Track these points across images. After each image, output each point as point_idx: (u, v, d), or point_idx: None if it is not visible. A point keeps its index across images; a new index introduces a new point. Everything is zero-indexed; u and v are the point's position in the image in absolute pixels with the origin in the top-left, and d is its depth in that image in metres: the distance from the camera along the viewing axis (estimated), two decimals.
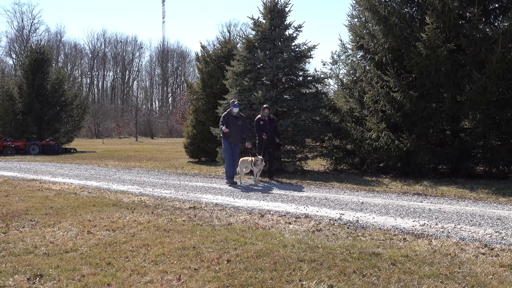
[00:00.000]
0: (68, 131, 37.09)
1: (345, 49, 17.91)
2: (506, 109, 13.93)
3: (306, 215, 8.84)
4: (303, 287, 4.88)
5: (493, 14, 14.53)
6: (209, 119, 20.65)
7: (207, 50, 23.57)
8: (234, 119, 13.83)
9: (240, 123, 13.91)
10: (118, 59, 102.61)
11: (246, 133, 14.06)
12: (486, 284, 4.91)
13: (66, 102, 36.04)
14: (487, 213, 8.83)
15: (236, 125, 13.81)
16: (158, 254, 6.08)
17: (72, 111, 36.69)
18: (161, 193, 11.89)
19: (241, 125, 13.92)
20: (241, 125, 13.92)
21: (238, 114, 13.96)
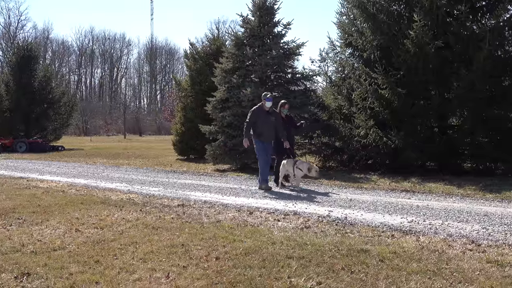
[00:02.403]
0: (55, 129, 36.90)
1: (333, 47, 17.92)
2: (493, 106, 14.03)
3: (294, 212, 8.85)
4: (292, 284, 4.88)
5: (480, 12, 14.60)
6: (197, 116, 20.59)
7: (196, 47, 23.57)
8: (266, 114, 12.08)
9: (273, 120, 12.10)
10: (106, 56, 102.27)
11: (281, 131, 12.20)
12: (473, 280, 4.94)
13: (53, 99, 35.86)
14: (474, 210, 8.89)
15: (269, 122, 12.05)
16: (146, 251, 6.06)
17: (60, 109, 36.51)
18: (150, 191, 11.86)
19: (275, 122, 12.12)
20: (275, 122, 12.12)
21: (270, 109, 12.18)
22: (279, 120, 12.27)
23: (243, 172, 15.77)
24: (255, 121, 11.97)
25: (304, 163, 12.09)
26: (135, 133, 74.50)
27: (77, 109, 43.61)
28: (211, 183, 13.32)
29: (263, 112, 12.03)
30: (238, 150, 16.09)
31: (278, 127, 12.11)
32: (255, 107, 12.25)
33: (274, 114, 12.20)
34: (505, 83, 14.25)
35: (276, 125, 12.08)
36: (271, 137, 12.15)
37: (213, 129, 16.80)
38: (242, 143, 12.23)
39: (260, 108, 12.11)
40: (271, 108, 12.17)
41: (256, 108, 12.19)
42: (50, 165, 20.16)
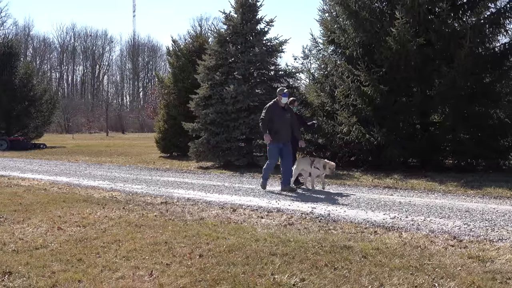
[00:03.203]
0: (37, 126, 36.52)
1: (316, 44, 17.98)
2: (474, 103, 14.18)
3: (278, 209, 8.87)
4: (275, 281, 4.89)
5: (461, 9, 14.73)
6: (180, 113, 20.52)
7: (179, 44, 23.50)
8: (282, 111, 11.16)
9: (289, 117, 11.21)
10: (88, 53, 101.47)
11: (297, 129, 11.47)
12: (455, 275, 4.98)
13: (35, 97, 35.48)
14: (456, 206, 8.96)
15: (285, 119, 11.13)
16: (129, 249, 6.03)
17: (41, 106, 36.14)
18: (133, 188, 11.80)
19: (291, 119, 11.24)
20: (291, 119, 11.24)
21: (286, 105, 11.31)
22: (295, 117, 11.51)
23: (226, 169, 15.76)
24: (270, 118, 11.05)
25: (321, 161, 11.41)
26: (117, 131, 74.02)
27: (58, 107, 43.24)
28: (194, 181, 13.29)
29: (279, 108, 11.16)
30: (221, 147, 16.09)
31: (294, 125, 11.31)
32: (270, 103, 11.34)
33: (289, 111, 11.36)
34: (486, 80, 14.39)
35: (292, 122, 11.26)
36: (287, 136, 11.20)
37: (196, 127, 16.75)
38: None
39: (275, 104, 11.22)
40: (287, 105, 11.33)
41: (271, 104, 11.29)
42: (31, 163, 19.98)
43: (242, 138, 16.50)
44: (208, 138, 16.20)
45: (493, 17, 14.22)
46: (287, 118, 11.15)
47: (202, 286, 4.83)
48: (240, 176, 14.23)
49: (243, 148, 16.51)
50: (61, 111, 60.75)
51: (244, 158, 16.15)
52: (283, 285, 4.80)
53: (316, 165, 11.24)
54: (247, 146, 16.67)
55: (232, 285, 4.82)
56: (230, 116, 16.01)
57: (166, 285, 4.86)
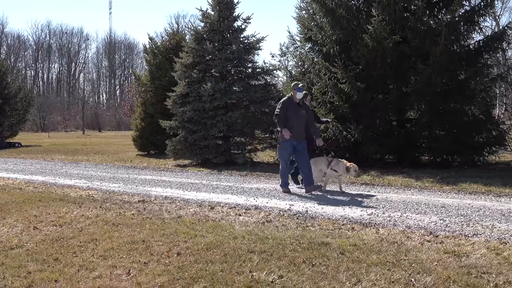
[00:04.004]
0: (12, 125, 36.05)
1: (293, 41, 18.04)
2: (450, 100, 14.32)
3: (256, 206, 8.88)
4: (254, 278, 4.89)
5: (436, 7, 14.87)
6: (157, 111, 20.46)
7: (155, 42, 23.41)
8: (297, 107, 10.42)
9: (304, 113, 10.49)
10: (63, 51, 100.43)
11: (313, 126, 10.73)
12: (431, 270, 5.04)
13: (9, 95, 35.02)
14: (432, 201, 9.05)
15: (300, 116, 10.40)
16: (106, 248, 6.00)
17: (16, 104, 35.70)
18: (110, 187, 11.73)
19: (306, 116, 10.50)
20: (306, 116, 10.50)
21: (301, 101, 10.58)
22: (311, 114, 10.84)
23: (204, 167, 15.73)
24: (284, 114, 10.30)
25: (340, 162, 10.45)
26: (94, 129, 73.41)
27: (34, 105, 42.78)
28: (172, 179, 13.25)
29: (294, 104, 10.42)
30: (198, 145, 16.06)
31: (309, 122, 10.60)
32: (285, 99, 10.56)
33: (305, 107, 10.64)
34: (461, 77, 14.54)
35: (307, 119, 10.55)
36: (302, 134, 10.47)
37: (174, 124, 16.70)
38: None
39: (290, 100, 10.45)
40: (302, 100, 10.59)
41: (285, 99, 10.51)
42: (6, 162, 19.75)
43: (220, 135, 16.49)
44: (186, 136, 16.15)
45: (467, 14, 14.37)
46: (303, 115, 10.44)
47: (180, 284, 4.82)
48: (218, 173, 14.21)
49: (221, 146, 16.50)
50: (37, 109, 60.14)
51: (222, 155, 16.15)
52: (261, 282, 4.81)
53: (334, 167, 10.38)
54: (225, 143, 16.66)
55: (210, 283, 4.82)
56: (207, 113, 15.98)
57: (143, 283, 4.84)
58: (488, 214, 7.86)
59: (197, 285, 4.79)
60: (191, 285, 4.78)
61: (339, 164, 10.36)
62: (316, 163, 10.76)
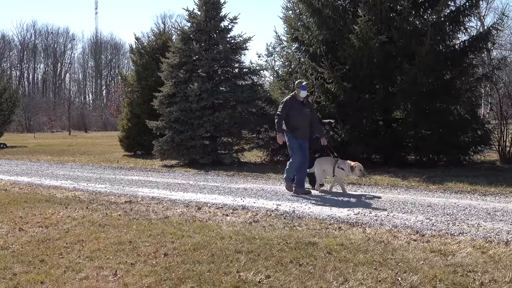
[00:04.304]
0: None
1: (280, 41, 18.04)
2: (435, 100, 14.41)
3: (243, 206, 8.88)
4: (241, 278, 4.90)
5: (422, 7, 14.93)
6: (144, 111, 20.38)
7: (142, 42, 23.31)
8: (301, 106, 10.26)
9: (308, 112, 10.32)
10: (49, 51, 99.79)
11: (316, 125, 10.59)
12: (417, 269, 5.06)
13: None
14: (418, 201, 9.10)
15: (304, 115, 10.23)
16: (93, 249, 5.97)
17: (1, 105, 35.43)
18: (96, 188, 11.68)
19: (310, 115, 10.35)
20: (310, 115, 10.35)
21: (305, 99, 10.37)
22: (315, 112, 10.74)
23: (191, 167, 15.70)
24: (287, 114, 10.18)
25: (346, 162, 10.30)
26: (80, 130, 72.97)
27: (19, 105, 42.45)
28: (159, 179, 13.21)
29: (297, 103, 10.26)
30: (185, 145, 16.03)
31: (313, 121, 10.44)
32: (288, 97, 10.42)
33: (308, 106, 10.47)
34: (446, 77, 14.63)
35: (311, 118, 10.39)
36: (306, 132, 10.36)
37: (160, 125, 16.64)
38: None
39: (294, 99, 10.31)
40: (306, 99, 10.39)
41: (288, 98, 10.37)
42: None
43: (207, 136, 16.47)
44: (173, 136, 16.11)
45: (452, 15, 14.47)
46: (307, 114, 10.27)
47: (167, 285, 4.81)
48: (205, 174, 14.20)
49: (208, 146, 16.48)
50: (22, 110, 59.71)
51: (209, 156, 16.12)
52: (249, 282, 4.81)
53: (341, 165, 10.20)
54: (212, 144, 16.64)
55: (197, 283, 4.81)
56: (194, 114, 15.95)
57: (130, 284, 4.83)
58: (473, 213, 7.92)
59: (184, 285, 4.78)
60: (178, 286, 4.78)
61: (345, 163, 10.21)
62: (320, 163, 10.58)
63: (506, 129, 15.08)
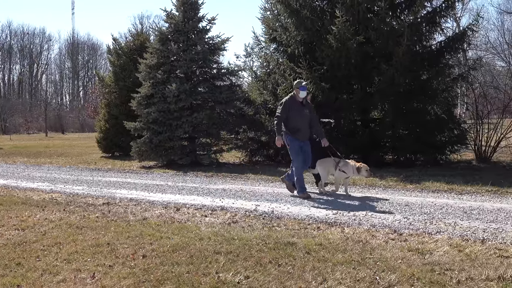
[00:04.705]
0: None
1: (258, 42, 18.05)
2: (413, 100, 14.53)
3: (222, 207, 8.87)
4: (220, 279, 4.89)
5: (399, 8, 15.06)
6: (122, 113, 20.23)
7: (119, 43, 23.15)
8: (301, 107, 9.96)
9: (308, 113, 10.00)
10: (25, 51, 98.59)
11: (316, 126, 10.20)
12: (395, 268, 5.10)
13: None
14: (396, 200, 9.17)
15: (304, 116, 9.94)
16: (70, 252, 5.92)
17: None
18: (73, 190, 11.57)
19: (310, 116, 10.03)
20: (310, 116, 10.03)
21: (305, 100, 10.09)
22: (314, 113, 10.31)
23: (169, 168, 15.63)
24: (287, 115, 9.87)
25: (348, 163, 10.07)
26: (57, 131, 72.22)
27: None
28: (137, 180, 13.14)
29: (297, 103, 9.95)
30: (164, 146, 15.95)
31: (313, 121, 10.11)
32: (287, 98, 10.07)
33: (308, 106, 10.14)
34: (423, 77, 14.75)
35: (311, 119, 10.07)
36: (307, 134, 10.07)
37: (138, 126, 16.54)
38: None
39: (293, 99, 9.98)
40: (305, 99, 10.10)
41: (287, 99, 10.02)
42: None
43: (185, 136, 16.41)
44: (151, 137, 16.03)
45: (429, 16, 14.61)
46: (306, 115, 9.96)
47: (145, 286, 4.79)
48: (184, 175, 14.15)
49: (186, 147, 16.42)
50: None
51: (187, 157, 16.07)
52: (228, 283, 4.81)
53: (343, 168, 9.97)
54: (190, 144, 16.59)
55: (176, 285, 4.80)
56: (172, 114, 15.89)
57: (108, 287, 4.80)
58: (450, 212, 8.01)
59: (163, 287, 4.77)
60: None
61: (347, 165, 9.96)
62: (323, 164, 10.26)
63: (481, 129, 15.27)
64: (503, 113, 16.10)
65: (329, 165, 10.16)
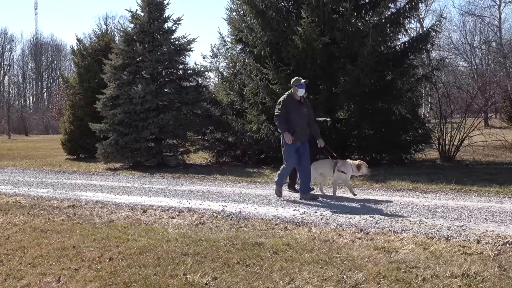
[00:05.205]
0: None
1: (224, 43, 18.04)
2: (378, 100, 14.69)
3: (189, 208, 8.84)
4: (187, 281, 4.87)
5: (364, 9, 15.22)
6: (87, 114, 20.00)
7: (84, 43, 22.92)
8: (299, 105, 9.57)
9: (306, 111, 9.62)
10: None
11: (313, 125, 9.86)
12: (362, 267, 5.15)
13: None
14: (363, 199, 9.27)
15: (302, 115, 9.54)
16: (35, 256, 5.83)
17: None
18: (38, 193, 11.39)
19: (307, 114, 9.66)
20: (307, 114, 9.66)
21: (303, 98, 9.71)
22: (312, 112, 9.94)
23: (135, 170, 15.51)
24: (286, 114, 9.47)
25: (346, 162, 9.80)
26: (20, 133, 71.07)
27: None
28: (103, 183, 13.00)
29: (295, 102, 9.57)
30: (130, 148, 15.84)
31: (311, 121, 9.75)
32: (285, 97, 9.66)
33: (306, 105, 9.74)
34: (388, 77, 14.94)
35: (309, 118, 9.71)
36: (306, 134, 9.67)
37: (104, 127, 16.38)
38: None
39: (291, 98, 9.59)
40: (303, 97, 9.73)
41: (285, 97, 9.61)
42: None
43: (152, 138, 16.31)
44: (117, 139, 15.89)
45: (393, 17, 14.79)
46: (305, 114, 9.58)
47: None
48: (150, 176, 14.06)
49: (153, 148, 16.33)
50: None
51: (154, 158, 15.97)
52: (195, 284, 4.79)
53: (342, 168, 9.64)
54: (157, 146, 16.50)
55: (143, 287, 4.76)
56: (138, 116, 15.78)
57: None
58: (415, 210, 8.11)
59: None
60: None
61: (346, 164, 9.69)
62: (317, 166, 9.96)
63: (445, 128, 15.52)
64: (466, 113, 16.39)
65: (324, 167, 9.91)
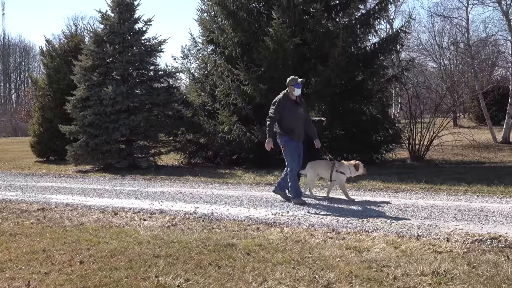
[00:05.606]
0: None
1: (195, 44, 18.02)
2: (349, 100, 14.81)
3: (161, 210, 8.79)
4: (160, 283, 4.84)
5: (334, 10, 15.34)
6: (57, 116, 19.75)
7: (53, 44, 22.64)
8: (295, 105, 9.30)
9: (302, 111, 9.39)
10: None
11: (309, 125, 9.60)
12: (334, 266, 5.18)
13: None
14: (334, 200, 9.34)
15: (298, 115, 9.29)
16: (4, 260, 5.73)
17: None
18: (6, 196, 11.20)
19: (304, 115, 9.44)
20: (304, 115, 9.44)
21: (299, 98, 9.41)
22: (307, 112, 9.87)
23: (106, 172, 15.36)
24: (280, 115, 9.16)
25: (343, 163, 9.56)
26: None
27: None
28: (73, 185, 12.85)
29: (290, 102, 9.27)
30: (100, 149, 15.68)
31: (307, 121, 9.53)
32: (280, 97, 9.31)
33: (302, 105, 9.51)
34: (359, 78, 15.08)
35: (305, 118, 9.49)
36: (302, 134, 9.40)
37: (74, 129, 16.20)
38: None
39: (287, 98, 9.28)
40: (299, 97, 9.42)
41: (281, 98, 9.27)
42: None
43: (123, 139, 16.18)
44: (87, 141, 15.72)
45: (363, 18, 14.95)
46: (301, 114, 9.34)
47: None
48: (121, 178, 13.94)
49: (124, 150, 16.21)
50: None
51: (125, 160, 15.85)
52: (168, 287, 4.77)
53: (340, 169, 9.40)
54: (128, 147, 16.37)
55: None
56: (109, 117, 15.64)
57: None
58: (386, 210, 8.20)
59: None
60: None
61: (343, 165, 9.47)
62: (314, 167, 9.72)
63: (415, 128, 15.72)
64: (435, 113, 16.65)
65: (321, 168, 9.69)
